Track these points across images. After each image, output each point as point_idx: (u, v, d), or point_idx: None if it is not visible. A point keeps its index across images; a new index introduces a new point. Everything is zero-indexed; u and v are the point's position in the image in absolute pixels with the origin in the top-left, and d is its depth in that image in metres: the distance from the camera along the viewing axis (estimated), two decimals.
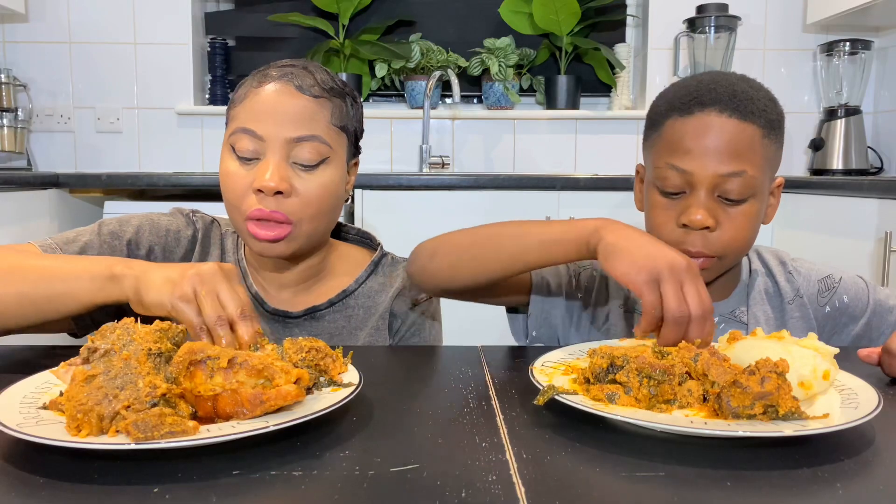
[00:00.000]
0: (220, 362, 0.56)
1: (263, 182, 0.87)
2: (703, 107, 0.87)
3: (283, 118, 0.89)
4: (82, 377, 0.55)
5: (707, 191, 0.86)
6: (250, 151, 0.89)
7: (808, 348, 0.63)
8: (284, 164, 0.89)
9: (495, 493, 0.46)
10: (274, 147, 0.89)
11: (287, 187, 0.88)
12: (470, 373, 0.75)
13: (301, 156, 0.89)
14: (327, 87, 0.93)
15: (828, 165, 2.61)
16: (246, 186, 0.89)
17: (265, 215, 0.88)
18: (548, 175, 2.21)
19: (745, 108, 0.86)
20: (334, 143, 0.93)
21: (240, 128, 0.90)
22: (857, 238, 1.84)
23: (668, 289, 0.70)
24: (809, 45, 2.73)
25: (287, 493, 0.46)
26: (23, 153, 2.62)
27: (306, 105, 0.90)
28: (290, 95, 0.90)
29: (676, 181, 0.87)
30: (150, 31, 2.69)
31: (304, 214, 0.90)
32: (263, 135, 0.89)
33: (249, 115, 0.90)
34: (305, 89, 0.91)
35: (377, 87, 2.83)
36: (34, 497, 0.46)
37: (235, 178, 0.90)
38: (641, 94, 2.80)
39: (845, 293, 0.98)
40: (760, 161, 0.87)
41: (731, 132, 0.85)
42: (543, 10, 2.60)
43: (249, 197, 0.89)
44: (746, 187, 0.86)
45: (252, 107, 0.90)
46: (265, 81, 0.91)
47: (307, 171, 0.90)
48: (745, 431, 0.53)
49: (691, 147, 0.86)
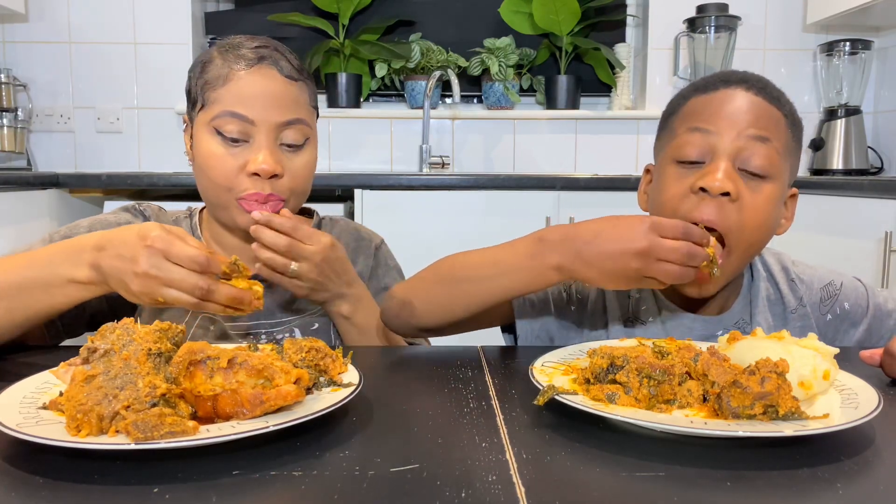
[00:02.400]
0: (220, 362, 0.56)
1: (260, 166, 0.90)
2: (729, 84, 0.85)
3: (272, 102, 0.91)
4: (82, 377, 0.55)
5: (729, 156, 0.82)
6: (238, 133, 0.91)
7: (808, 348, 0.63)
8: (276, 148, 0.92)
9: (495, 493, 0.46)
10: (264, 130, 0.91)
11: (281, 170, 0.92)
12: (470, 373, 0.75)
13: (288, 137, 0.93)
14: (300, 69, 0.97)
15: (828, 165, 2.61)
16: (236, 168, 0.91)
17: (261, 198, 0.91)
18: (548, 175, 2.21)
19: (772, 91, 0.85)
20: (313, 123, 0.98)
21: (227, 111, 0.91)
22: (858, 238, 1.84)
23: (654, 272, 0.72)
24: (809, 45, 2.72)
25: (287, 493, 0.46)
26: (23, 153, 2.62)
27: (290, 89, 0.94)
28: (275, 80, 0.93)
29: (698, 144, 0.83)
30: (150, 31, 2.69)
31: (293, 192, 0.95)
32: (254, 119, 0.91)
33: (234, 99, 0.91)
34: (285, 72, 0.94)
35: (377, 87, 2.83)
36: (34, 497, 0.46)
37: (223, 159, 0.91)
38: (641, 94, 2.80)
39: (846, 300, 0.96)
40: (784, 144, 0.84)
41: (758, 105, 0.84)
42: (543, 10, 2.60)
43: (241, 179, 0.91)
44: (770, 161, 0.82)
45: (238, 91, 0.91)
46: (243, 65, 0.92)
47: (293, 152, 0.94)
48: (745, 431, 0.53)
49: (715, 111, 0.84)
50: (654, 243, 0.71)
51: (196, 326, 0.96)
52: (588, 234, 0.75)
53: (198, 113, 0.94)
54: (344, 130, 2.77)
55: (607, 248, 0.73)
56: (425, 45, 2.75)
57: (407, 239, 2.22)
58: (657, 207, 0.88)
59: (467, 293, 0.82)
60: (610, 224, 0.74)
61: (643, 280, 0.74)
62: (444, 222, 2.14)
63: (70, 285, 0.77)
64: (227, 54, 0.94)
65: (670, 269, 0.72)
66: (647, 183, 0.96)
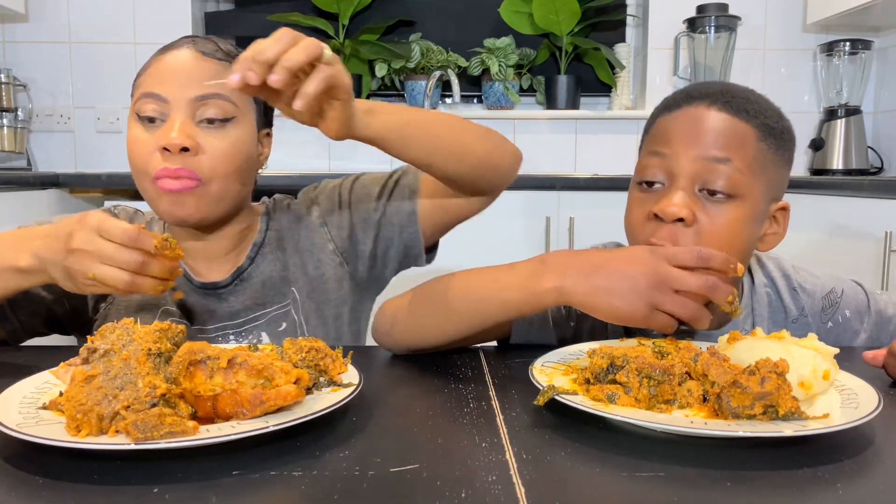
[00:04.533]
0: (220, 362, 0.56)
1: (168, 139, 0.86)
2: (692, 101, 0.82)
3: (187, 79, 0.89)
4: (82, 377, 0.55)
5: (687, 180, 0.79)
6: (154, 112, 0.89)
7: (808, 348, 0.63)
8: (190, 122, 0.89)
9: (495, 493, 0.46)
10: (179, 106, 0.88)
11: (193, 144, 0.87)
12: (470, 373, 0.75)
13: (207, 113, 0.89)
14: (231, 54, 0.94)
15: (828, 165, 2.61)
16: (151, 148, 0.88)
17: (171, 173, 0.87)
18: (548, 175, 2.21)
19: (738, 105, 0.81)
20: (240, 102, 0.92)
21: (143, 93, 0.90)
22: (858, 238, 1.84)
23: (668, 308, 0.65)
24: (809, 45, 2.72)
25: (287, 493, 0.46)
26: (23, 153, 2.62)
27: (209, 66, 0.91)
28: (193, 58, 0.91)
29: (656, 167, 0.81)
30: (150, 31, 2.69)
31: (214, 173, 0.89)
32: (167, 96, 0.88)
33: (153, 80, 0.90)
34: (209, 53, 0.92)
35: (377, 87, 2.83)
36: (34, 497, 0.46)
37: (140, 141, 0.89)
38: (641, 94, 2.80)
39: (847, 308, 0.95)
40: (751, 160, 0.81)
41: (719, 122, 0.80)
42: (543, 10, 2.60)
43: (155, 157, 0.88)
44: (731, 181, 0.78)
45: (155, 72, 0.91)
46: (168, 49, 0.92)
47: (215, 129, 0.90)
48: (745, 431, 0.53)
49: (674, 134, 0.81)
50: (670, 273, 0.65)
51: None
52: (596, 257, 0.69)
53: None
54: None
55: (617, 274, 0.67)
56: (425, 45, 2.75)
57: None
58: (627, 233, 0.86)
59: (461, 313, 0.78)
60: (622, 251, 0.70)
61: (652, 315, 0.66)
62: None
63: (10, 272, 0.77)
64: (158, 50, 0.94)
65: (688, 304, 0.65)
66: None
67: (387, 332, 0.84)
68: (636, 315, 0.66)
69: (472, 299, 0.77)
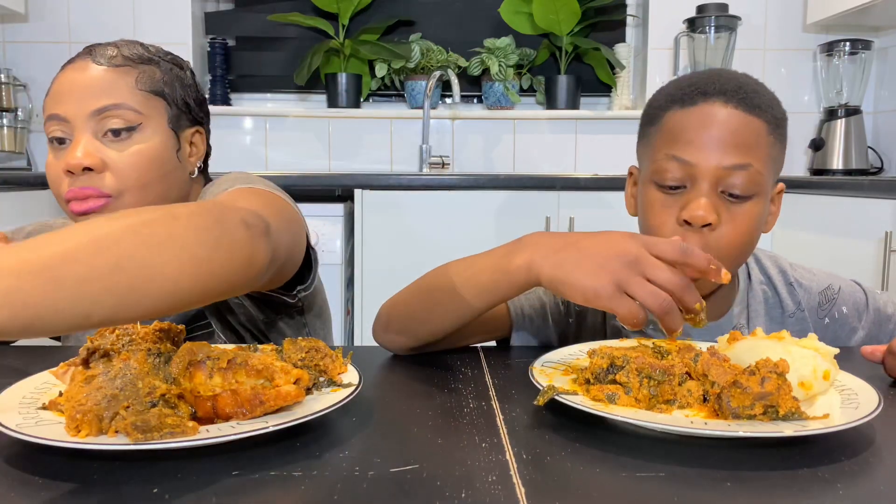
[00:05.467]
0: (220, 363, 0.56)
1: (69, 161, 0.85)
2: (707, 97, 0.83)
3: (81, 94, 0.87)
4: (82, 377, 0.55)
5: (710, 184, 0.81)
6: (61, 133, 0.88)
7: (808, 348, 0.63)
8: (92, 140, 0.87)
9: (495, 493, 0.46)
10: (79, 124, 0.87)
11: (96, 162, 0.86)
12: (470, 373, 0.75)
13: (109, 125, 0.87)
14: (132, 56, 0.91)
15: (828, 165, 2.61)
16: (60, 171, 0.87)
17: (77, 193, 0.86)
18: (548, 175, 2.21)
19: (751, 100, 0.83)
20: (144, 108, 0.90)
21: (48, 116, 0.89)
22: (858, 238, 1.84)
23: (636, 291, 0.62)
24: (809, 45, 2.72)
25: (287, 493, 0.46)
26: (23, 153, 2.62)
27: (103, 75, 0.88)
28: (84, 70, 0.89)
29: (677, 174, 0.82)
30: (150, 31, 2.69)
31: (124, 185, 0.87)
32: (66, 115, 0.87)
33: (53, 101, 0.89)
34: (103, 61, 0.89)
35: (377, 87, 2.83)
36: (34, 497, 0.46)
37: (51, 165, 0.89)
38: (641, 94, 2.80)
39: (844, 304, 0.95)
40: (766, 158, 0.83)
41: (736, 123, 0.81)
42: (543, 9, 2.60)
43: (64, 181, 0.87)
44: (752, 183, 0.81)
45: (53, 92, 0.90)
46: (67, 65, 0.91)
47: (118, 141, 0.88)
48: (745, 432, 0.53)
49: (694, 137, 0.82)
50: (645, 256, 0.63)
51: None
52: (573, 236, 0.68)
53: None
54: (344, 130, 2.77)
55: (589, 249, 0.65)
56: (425, 45, 2.75)
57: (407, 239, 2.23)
58: (645, 230, 0.87)
59: (443, 303, 0.77)
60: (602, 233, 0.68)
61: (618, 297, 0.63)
62: (444, 222, 2.14)
63: None
64: None
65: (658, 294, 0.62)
66: (632, 185, 0.94)
67: (383, 330, 0.84)
68: (600, 292, 0.63)
69: (450, 287, 0.76)
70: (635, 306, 0.62)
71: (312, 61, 2.61)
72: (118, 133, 0.87)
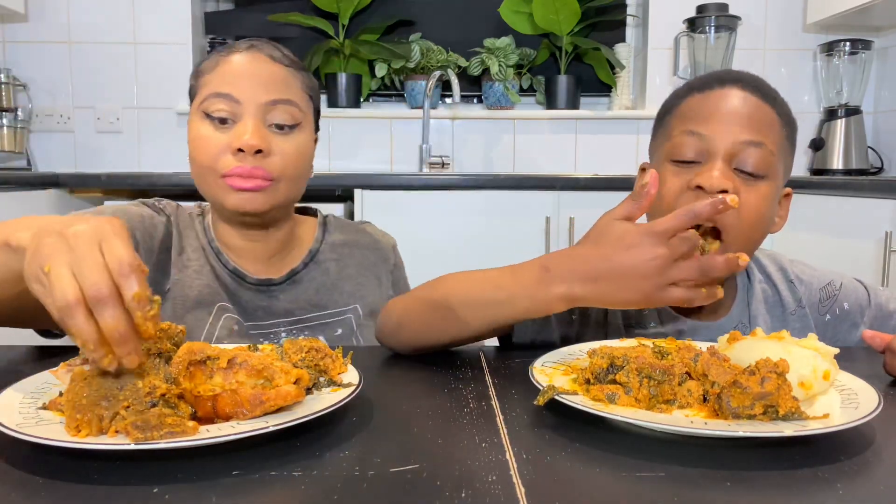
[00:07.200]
0: (220, 363, 0.56)
1: (244, 141, 0.89)
2: (724, 84, 0.85)
3: (258, 81, 0.92)
4: (82, 377, 0.54)
5: (725, 159, 0.82)
6: (226, 113, 0.91)
7: (808, 348, 0.63)
8: (262, 125, 0.92)
9: (495, 493, 0.46)
10: (250, 109, 0.91)
11: (267, 146, 0.91)
12: (470, 373, 0.75)
13: (277, 118, 0.93)
14: (294, 60, 0.97)
15: (828, 165, 2.61)
16: (222, 147, 0.91)
17: (247, 172, 0.90)
18: (548, 175, 2.21)
19: (767, 91, 0.85)
20: (306, 109, 0.97)
21: (213, 92, 0.91)
22: (858, 238, 1.84)
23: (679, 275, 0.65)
24: (809, 45, 2.73)
25: (287, 493, 0.46)
26: (23, 153, 2.62)
27: (279, 71, 0.94)
28: (263, 62, 0.93)
29: (693, 147, 0.83)
30: (150, 31, 2.69)
31: (284, 173, 0.93)
32: (240, 97, 0.91)
33: (223, 80, 0.92)
34: (276, 58, 0.94)
35: (377, 87, 2.83)
36: (34, 497, 0.46)
37: (210, 140, 0.91)
38: (641, 94, 2.80)
39: (845, 300, 0.95)
40: (778, 145, 0.85)
41: (752, 106, 0.84)
42: (543, 9, 2.60)
43: (226, 157, 0.91)
44: (765, 162, 0.82)
45: (224, 72, 0.92)
46: (234, 51, 0.94)
47: (283, 134, 0.93)
48: (745, 431, 0.53)
49: (710, 114, 0.84)
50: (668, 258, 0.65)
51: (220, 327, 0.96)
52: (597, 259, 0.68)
53: (191, 104, 0.95)
54: (344, 130, 2.77)
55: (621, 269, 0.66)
56: (425, 45, 2.75)
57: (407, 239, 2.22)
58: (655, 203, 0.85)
59: (466, 318, 0.77)
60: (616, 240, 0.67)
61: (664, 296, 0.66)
62: (445, 222, 2.14)
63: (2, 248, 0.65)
64: (223, 49, 0.96)
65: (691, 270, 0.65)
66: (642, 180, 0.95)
67: (392, 333, 0.84)
68: (651, 299, 0.66)
69: (479, 306, 0.76)
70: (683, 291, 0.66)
71: (312, 61, 2.61)
72: (282, 127, 0.93)
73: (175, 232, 1.00)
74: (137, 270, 0.53)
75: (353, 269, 1.07)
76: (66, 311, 0.51)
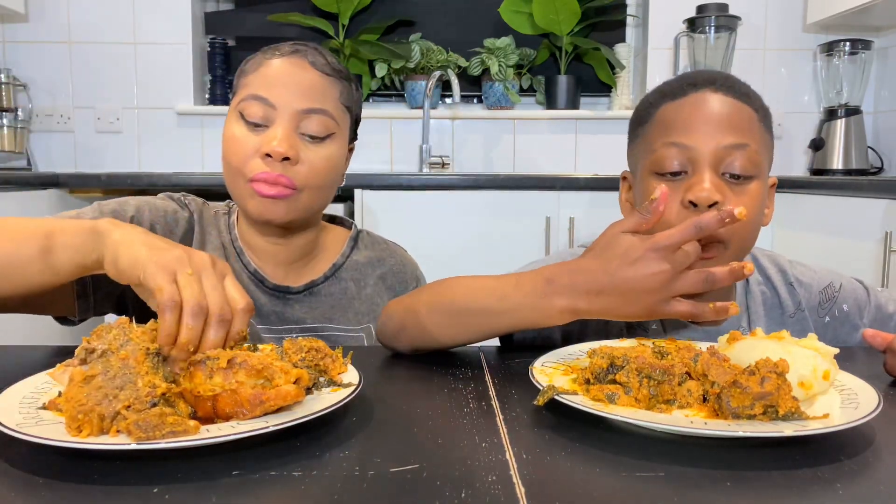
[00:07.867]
0: (220, 362, 0.56)
1: (272, 147, 0.89)
2: (697, 87, 0.84)
3: (295, 89, 0.92)
4: (80, 378, 0.54)
5: (711, 166, 0.81)
6: (260, 117, 0.91)
7: (808, 348, 0.63)
8: (293, 133, 0.92)
9: (495, 493, 0.46)
10: (284, 115, 0.91)
11: (295, 154, 0.91)
12: (470, 373, 0.75)
13: (309, 127, 0.92)
14: (336, 68, 0.96)
15: (828, 165, 2.61)
16: (252, 150, 0.91)
17: (272, 178, 0.90)
18: (548, 175, 2.21)
19: (739, 88, 0.85)
20: (340, 120, 0.96)
21: (251, 94, 0.92)
22: (858, 238, 1.84)
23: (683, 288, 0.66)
24: (809, 45, 2.73)
25: (287, 493, 0.46)
26: (23, 153, 2.62)
27: (317, 80, 0.93)
28: (302, 69, 0.93)
29: (677, 159, 0.82)
30: (150, 31, 2.69)
31: (308, 183, 0.92)
32: (275, 102, 0.91)
33: (262, 83, 0.92)
34: (318, 66, 0.94)
35: (377, 87, 2.84)
36: (34, 497, 0.46)
37: (242, 141, 0.92)
38: (641, 94, 2.80)
39: (844, 302, 0.95)
40: (760, 142, 0.84)
41: (729, 107, 0.83)
42: (543, 9, 2.60)
43: (255, 160, 0.91)
44: (751, 163, 0.82)
45: (264, 75, 0.93)
46: (277, 54, 0.94)
47: (314, 143, 0.93)
48: (745, 431, 0.53)
49: (690, 122, 0.82)
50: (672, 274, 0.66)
51: None
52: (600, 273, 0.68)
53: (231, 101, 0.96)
54: None
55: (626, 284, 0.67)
56: (425, 45, 2.75)
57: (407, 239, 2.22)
58: None
59: (469, 325, 0.78)
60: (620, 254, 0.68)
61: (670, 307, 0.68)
62: (445, 222, 2.14)
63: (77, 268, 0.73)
64: (268, 50, 0.96)
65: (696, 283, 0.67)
66: (626, 191, 0.95)
67: (394, 335, 0.84)
68: (655, 312, 0.68)
69: (481, 314, 0.76)
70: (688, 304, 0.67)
71: None
72: (314, 137, 0.93)
73: (197, 228, 1.01)
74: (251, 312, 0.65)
75: (372, 289, 1.06)
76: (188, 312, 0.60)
